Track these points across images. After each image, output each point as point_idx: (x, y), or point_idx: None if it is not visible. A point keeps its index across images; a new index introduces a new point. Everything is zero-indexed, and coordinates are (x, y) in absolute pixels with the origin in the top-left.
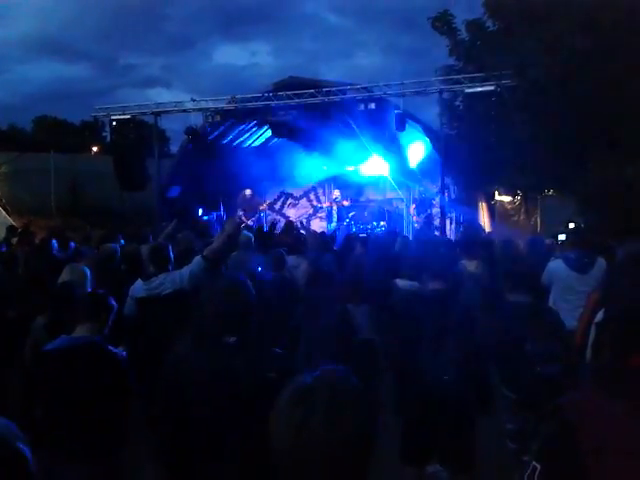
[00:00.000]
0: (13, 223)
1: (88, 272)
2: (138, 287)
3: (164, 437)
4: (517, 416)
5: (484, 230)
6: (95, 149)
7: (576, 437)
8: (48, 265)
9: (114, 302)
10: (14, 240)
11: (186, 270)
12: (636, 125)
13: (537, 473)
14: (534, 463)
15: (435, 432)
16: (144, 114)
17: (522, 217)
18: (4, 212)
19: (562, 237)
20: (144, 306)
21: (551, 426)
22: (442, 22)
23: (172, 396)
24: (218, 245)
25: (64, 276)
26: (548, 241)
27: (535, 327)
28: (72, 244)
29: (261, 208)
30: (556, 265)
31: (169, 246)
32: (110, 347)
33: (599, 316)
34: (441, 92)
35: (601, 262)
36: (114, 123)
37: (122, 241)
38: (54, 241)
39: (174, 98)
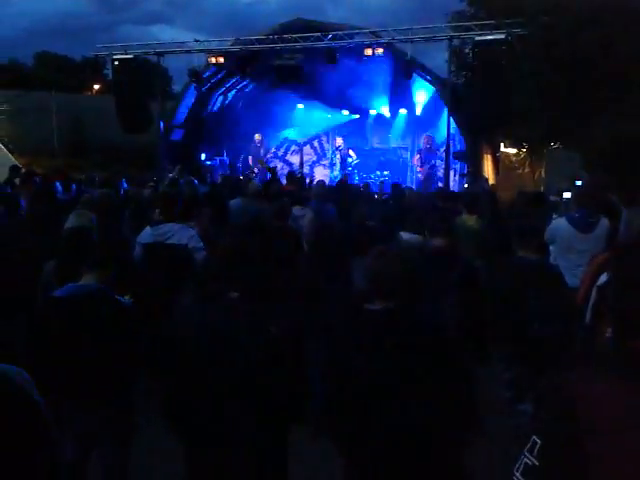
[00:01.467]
0: (16, 163)
1: (94, 218)
2: (146, 233)
3: (167, 388)
4: (514, 366)
5: (488, 183)
6: (97, 87)
7: (575, 417)
8: (52, 208)
9: (122, 251)
10: (17, 181)
11: (196, 239)
12: None
13: (537, 448)
14: (534, 437)
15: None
16: (147, 54)
17: (527, 170)
18: (6, 151)
19: (567, 195)
20: (150, 251)
21: (551, 404)
22: None
23: (174, 348)
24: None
25: (71, 221)
26: (553, 198)
27: (537, 285)
28: (74, 186)
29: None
30: (559, 223)
31: (179, 197)
32: (117, 296)
33: (602, 279)
34: (451, 39)
35: (604, 222)
36: (116, 62)
37: (125, 185)
38: (58, 183)
39: (177, 35)
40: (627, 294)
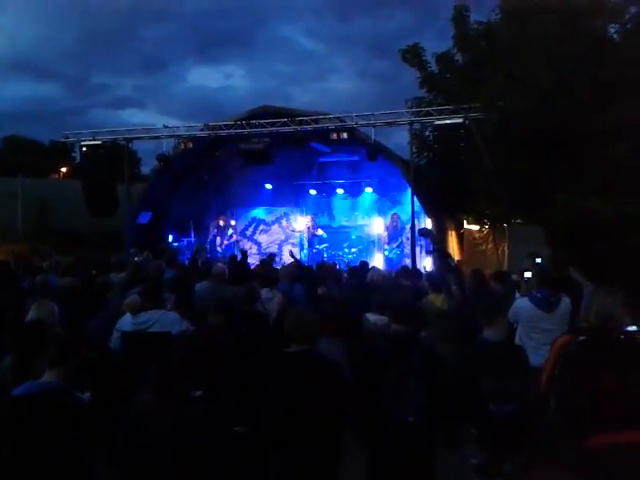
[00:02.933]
0: None
1: (56, 309)
2: (126, 321)
3: None
4: (481, 451)
5: (453, 259)
6: (64, 170)
7: None
8: (14, 297)
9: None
10: None
11: (178, 322)
12: (599, 159)
13: None
14: None
15: (400, 470)
16: (115, 139)
17: (490, 246)
18: None
19: (528, 274)
20: (129, 341)
21: None
22: (412, 54)
23: (135, 445)
24: None
25: (32, 314)
26: (515, 277)
27: (500, 365)
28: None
29: (233, 236)
30: (522, 303)
31: (161, 284)
32: (77, 394)
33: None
34: (411, 123)
35: (566, 301)
36: (84, 148)
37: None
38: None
39: (147, 119)
40: (574, 394)
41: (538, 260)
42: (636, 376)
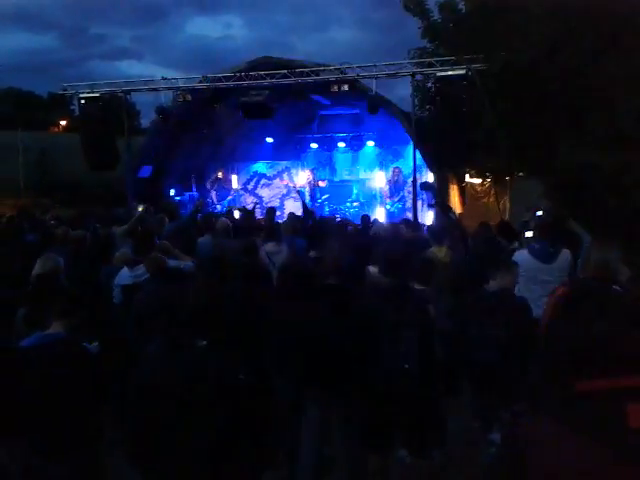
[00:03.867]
0: None
1: (62, 262)
2: (124, 275)
3: (133, 436)
4: (475, 398)
5: (454, 213)
6: (63, 123)
7: (526, 467)
8: (19, 251)
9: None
10: None
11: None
12: (602, 110)
13: None
14: None
15: (397, 418)
16: (114, 92)
17: (492, 199)
18: None
19: (529, 234)
20: (129, 294)
21: (504, 453)
22: (414, 3)
23: (142, 396)
24: None
25: (38, 267)
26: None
27: (490, 314)
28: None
29: (234, 188)
30: (521, 255)
31: (154, 234)
32: (84, 344)
33: None
34: (413, 75)
35: (565, 253)
36: (82, 101)
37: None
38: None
39: (145, 70)
40: (574, 336)
41: (539, 213)
42: (630, 324)
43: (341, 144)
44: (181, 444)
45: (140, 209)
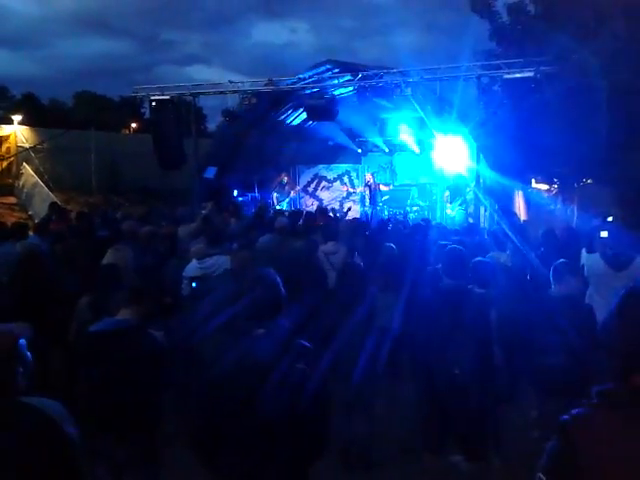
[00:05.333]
0: (55, 200)
1: (130, 254)
2: (192, 267)
3: (194, 422)
4: (539, 404)
5: (519, 219)
6: (134, 125)
7: (576, 455)
8: (90, 244)
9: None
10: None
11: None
12: None
13: None
14: (540, 475)
15: (453, 421)
16: (182, 95)
17: (558, 206)
18: (46, 189)
19: (604, 234)
20: (199, 284)
21: (556, 442)
22: (482, 5)
23: (203, 384)
24: None
25: (108, 257)
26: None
27: (554, 320)
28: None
29: (295, 190)
30: (593, 260)
31: (224, 233)
32: (151, 331)
33: None
34: (479, 77)
35: (638, 260)
36: (153, 103)
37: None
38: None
39: (213, 75)
40: (629, 332)
41: (609, 219)
42: None
43: (403, 147)
44: (240, 431)
45: (209, 206)
